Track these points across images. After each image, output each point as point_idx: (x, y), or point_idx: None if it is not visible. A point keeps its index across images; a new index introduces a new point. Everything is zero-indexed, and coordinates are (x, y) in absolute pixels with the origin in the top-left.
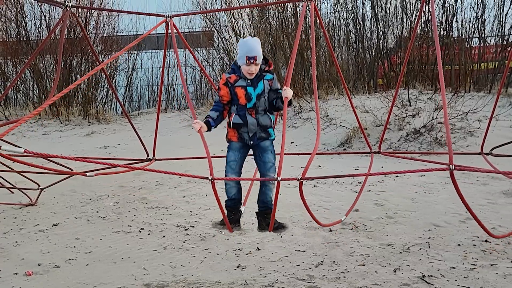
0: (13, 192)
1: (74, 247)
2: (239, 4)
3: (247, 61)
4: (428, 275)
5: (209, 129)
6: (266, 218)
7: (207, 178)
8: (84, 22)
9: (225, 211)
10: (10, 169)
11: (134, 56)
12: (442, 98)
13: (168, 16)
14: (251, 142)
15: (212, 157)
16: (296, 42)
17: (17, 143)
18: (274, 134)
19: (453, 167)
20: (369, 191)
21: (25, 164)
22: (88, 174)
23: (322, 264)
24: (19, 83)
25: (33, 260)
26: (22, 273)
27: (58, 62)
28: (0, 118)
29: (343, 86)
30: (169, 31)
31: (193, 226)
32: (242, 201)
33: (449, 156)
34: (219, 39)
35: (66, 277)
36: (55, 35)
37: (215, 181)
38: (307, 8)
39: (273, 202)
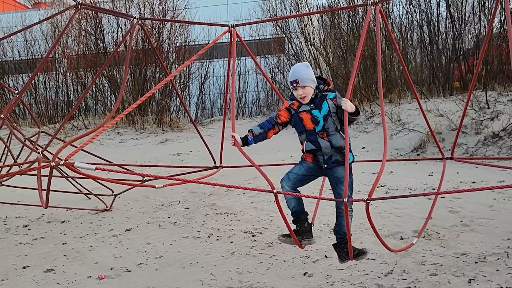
0: (90, 198)
1: (145, 251)
2: (308, 9)
3: (291, 87)
4: (507, 287)
5: (245, 145)
6: (344, 248)
7: (271, 191)
8: (158, 33)
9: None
10: (86, 176)
11: (206, 65)
12: None
13: (231, 25)
14: (325, 166)
15: (279, 164)
16: (359, 53)
17: (95, 151)
18: (353, 156)
19: None
20: (443, 197)
21: (97, 179)
22: (157, 186)
23: (391, 273)
24: (97, 93)
25: (106, 264)
26: (96, 276)
27: (125, 72)
28: (80, 127)
29: (411, 90)
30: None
31: (261, 233)
32: (308, 214)
33: None
34: (290, 45)
35: (137, 281)
36: (131, 46)
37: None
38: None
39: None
